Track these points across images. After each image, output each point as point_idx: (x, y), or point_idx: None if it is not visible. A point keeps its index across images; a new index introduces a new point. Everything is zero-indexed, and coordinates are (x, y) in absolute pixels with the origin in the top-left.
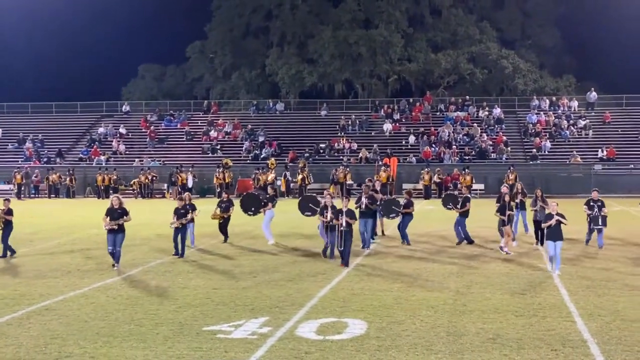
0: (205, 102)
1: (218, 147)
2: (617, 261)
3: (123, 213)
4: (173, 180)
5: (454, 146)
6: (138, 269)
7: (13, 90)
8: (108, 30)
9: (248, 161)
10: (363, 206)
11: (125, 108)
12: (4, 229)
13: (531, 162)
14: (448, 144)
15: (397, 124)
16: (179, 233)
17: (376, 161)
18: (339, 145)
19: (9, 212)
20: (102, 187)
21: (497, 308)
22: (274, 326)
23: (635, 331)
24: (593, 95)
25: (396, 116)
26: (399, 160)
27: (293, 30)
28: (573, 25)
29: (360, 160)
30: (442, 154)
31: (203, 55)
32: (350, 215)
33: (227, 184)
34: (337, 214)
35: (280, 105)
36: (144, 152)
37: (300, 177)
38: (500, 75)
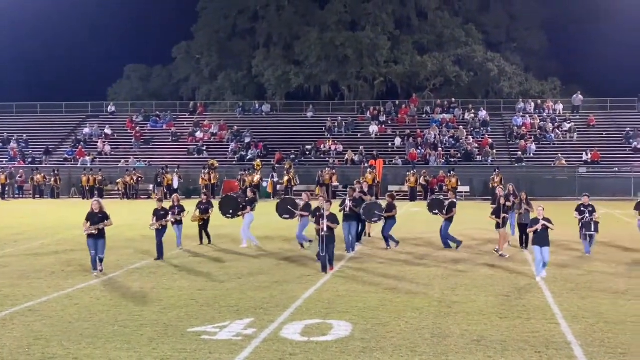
0: (191, 103)
1: (204, 148)
2: (601, 264)
3: (104, 217)
4: (159, 181)
5: (440, 148)
6: (122, 270)
7: None
8: (94, 30)
9: (234, 162)
10: (347, 209)
11: (110, 108)
12: None
13: (516, 165)
14: (434, 146)
15: (383, 126)
16: (161, 235)
17: (362, 163)
18: (325, 147)
19: None
20: (87, 188)
21: (482, 310)
22: (259, 327)
23: (618, 333)
24: (578, 98)
25: (382, 118)
26: (385, 162)
27: (279, 31)
28: (558, 28)
29: (346, 162)
30: (428, 156)
31: (189, 56)
32: (331, 219)
33: (213, 185)
34: (319, 219)
35: (266, 106)
36: (130, 153)
37: (286, 179)
38: (486, 77)
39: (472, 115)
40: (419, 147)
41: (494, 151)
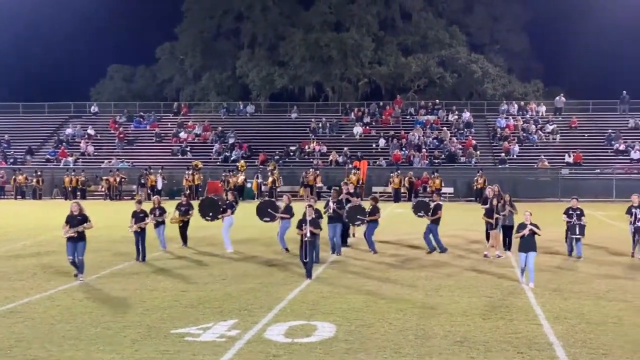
0: (175, 104)
1: (188, 149)
2: (583, 265)
3: (83, 220)
4: (142, 181)
5: (424, 149)
6: (105, 272)
7: None
8: (76, 30)
9: (218, 163)
10: (331, 210)
11: (93, 109)
12: None
13: (500, 166)
14: (418, 148)
15: (368, 127)
16: (140, 237)
17: (346, 164)
18: (309, 148)
19: None
20: (70, 189)
21: (465, 311)
22: (243, 329)
23: (600, 334)
24: (561, 100)
25: (366, 119)
26: (369, 163)
27: (264, 32)
28: (541, 30)
29: (330, 163)
30: (412, 157)
31: (173, 56)
32: (314, 224)
33: (197, 186)
34: (301, 224)
35: (250, 107)
36: (113, 154)
37: (270, 180)
38: (469, 79)
39: (456, 116)
40: (403, 148)
41: (478, 152)
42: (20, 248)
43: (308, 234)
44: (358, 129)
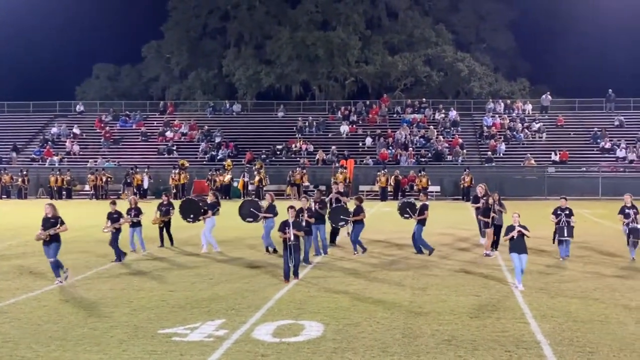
0: (161, 103)
1: (174, 148)
2: (570, 264)
3: (56, 222)
4: (128, 181)
5: (411, 148)
6: (92, 272)
7: None
8: (62, 28)
9: (204, 162)
10: (312, 211)
11: (79, 108)
12: None
13: (486, 165)
14: (404, 146)
15: (354, 126)
16: (116, 237)
17: (333, 163)
18: (296, 146)
19: None
20: (55, 188)
21: (453, 310)
22: (230, 328)
23: (587, 332)
24: (547, 98)
25: (353, 118)
26: (356, 162)
27: (250, 31)
28: (527, 29)
29: (317, 162)
30: (399, 156)
31: (159, 55)
32: (297, 227)
33: (183, 185)
34: (284, 227)
35: (237, 106)
36: (99, 153)
37: (257, 179)
38: (456, 78)
39: (443, 115)
40: (390, 147)
41: (464, 151)
42: (5, 248)
43: (292, 237)
44: (345, 128)
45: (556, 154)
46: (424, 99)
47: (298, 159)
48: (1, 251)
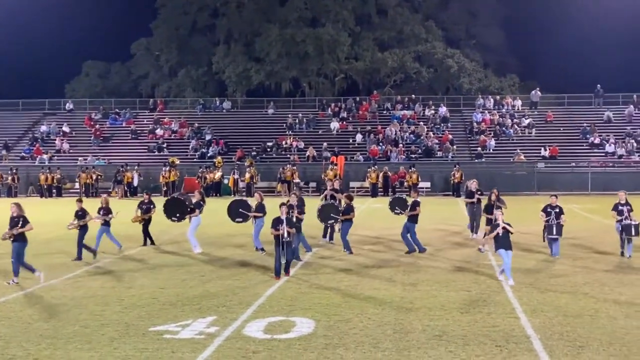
0: (150, 100)
1: (164, 146)
2: (560, 259)
3: (19, 222)
4: (119, 179)
5: (401, 144)
6: (82, 270)
7: None
8: (51, 26)
9: (195, 160)
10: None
11: (68, 106)
12: None
13: (476, 161)
14: (395, 143)
15: (344, 123)
16: (83, 235)
17: (323, 160)
18: (286, 143)
19: None
20: (46, 187)
21: (443, 305)
22: (222, 326)
23: (576, 326)
24: (536, 94)
25: (343, 114)
26: (346, 158)
27: (240, 28)
28: (516, 25)
29: (307, 158)
30: (389, 152)
31: (149, 52)
32: (290, 224)
33: (173, 183)
34: (277, 224)
35: (227, 103)
36: (89, 151)
37: (248, 176)
38: (445, 74)
39: (433, 111)
40: (380, 143)
41: (454, 147)
42: None
43: (285, 235)
44: (335, 125)
45: (546, 150)
46: (414, 95)
47: (288, 156)
48: None
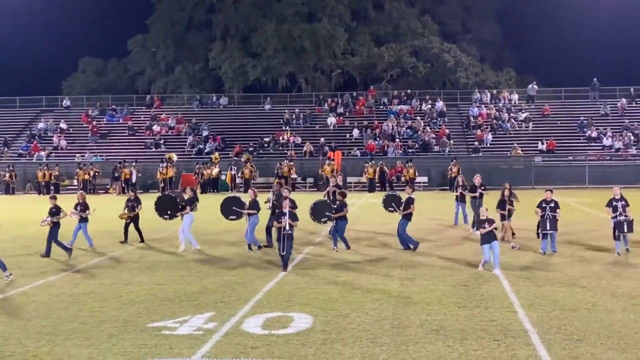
0: (147, 97)
1: (161, 142)
2: (557, 252)
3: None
4: (116, 175)
5: (398, 139)
6: (81, 266)
7: None
8: (47, 23)
9: (192, 156)
10: (270, 204)
11: (65, 103)
12: None
13: (473, 155)
14: (392, 137)
15: (341, 118)
16: (54, 232)
17: (320, 155)
18: (283, 139)
19: None
20: (43, 183)
21: (441, 300)
22: (220, 321)
23: (574, 320)
24: (533, 88)
25: (340, 110)
26: (343, 153)
27: (236, 24)
28: (512, 19)
29: (304, 154)
30: (386, 147)
31: (145, 49)
32: (292, 217)
33: (171, 179)
34: (280, 216)
35: (223, 99)
36: (86, 148)
37: (247, 172)
38: (442, 68)
39: (429, 106)
40: (377, 138)
41: (451, 141)
42: None
43: (287, 227)
44: (332, 120)
45: (543, 144)
46: (410, 90)
47: (285, 152)
48: None
